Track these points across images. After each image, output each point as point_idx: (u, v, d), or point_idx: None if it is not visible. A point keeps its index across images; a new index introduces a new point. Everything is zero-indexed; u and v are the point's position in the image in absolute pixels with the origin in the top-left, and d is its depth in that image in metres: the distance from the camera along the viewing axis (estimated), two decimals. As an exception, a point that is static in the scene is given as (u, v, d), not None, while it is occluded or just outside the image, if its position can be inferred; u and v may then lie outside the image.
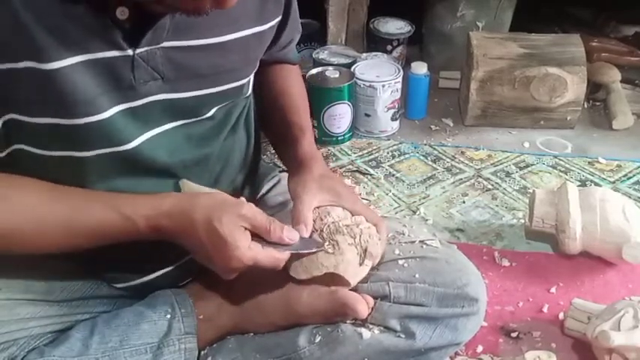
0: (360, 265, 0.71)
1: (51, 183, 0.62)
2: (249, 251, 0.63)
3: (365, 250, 0.70)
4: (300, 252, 0.68)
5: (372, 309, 0.71)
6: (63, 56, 0.55)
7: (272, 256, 0.65)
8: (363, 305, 0.69)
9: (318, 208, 0.73)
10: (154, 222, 0.62)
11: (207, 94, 0.67)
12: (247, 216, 0.64)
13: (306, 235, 0.69)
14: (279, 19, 0.74)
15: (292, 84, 0.88)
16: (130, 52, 0.59)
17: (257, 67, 0.75)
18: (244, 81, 0.72)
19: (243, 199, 0.68)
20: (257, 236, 0.65)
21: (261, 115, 0.88)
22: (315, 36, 1.67)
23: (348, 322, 0.72)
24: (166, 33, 0.60)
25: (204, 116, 0.70)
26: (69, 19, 0.54)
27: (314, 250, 0.69)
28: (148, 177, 0.67)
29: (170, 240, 0.64)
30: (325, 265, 0.69)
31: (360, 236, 0.71)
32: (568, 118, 1.46)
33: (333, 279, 0.70)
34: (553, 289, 0.99)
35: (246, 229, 0.64)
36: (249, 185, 0.86)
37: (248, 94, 0.76)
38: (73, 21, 0.54)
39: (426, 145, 1.44)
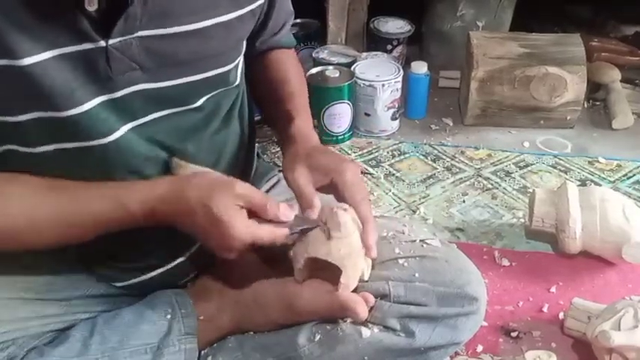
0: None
1: (47, 177, 0.62)
2: (246, 228, 0.62)
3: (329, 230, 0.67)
4: (297, 230, 0.67)
5: (372, 308, 0.71)
6: (36, 52, 0.54)
7: (271, 231, 0.64)
8: (362, 307, 0.68)
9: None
10: (149, 206, 0.62)
11: (191, 82, 0.66)
12: (242, 193, 0.63)
13: (314, 216, 0.68)
14: (260, 2, 0.71)
15: (287, 69, 0.86)
16: (102, 43, 0.58)
17: (242, 51, 0.73)
18: (229, 67, 0.70)
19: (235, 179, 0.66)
20: (254, 215, 0.64)
21: (261, 105, 0.86)
22: (315, 35, 1.67)
23: (347, 320, 0.71)
24: (139, 22, 0.59)
25: (192, 106, 0.68)
26: (38, 14, 0.53)
27: (310, 227, 0.68)
28: (135, 172, 0.66)
29: (167, 224, 0.64)
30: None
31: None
32: (568, 117, 1.46)
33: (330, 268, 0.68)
34: (553, 289, 0.99)
35: (242, 207, 0.63)
36: (245, 181, 0.85)
37: (237, 84, 0.75)
38: (42, 16, 0.54)
39: (425, 144, 1.44)
